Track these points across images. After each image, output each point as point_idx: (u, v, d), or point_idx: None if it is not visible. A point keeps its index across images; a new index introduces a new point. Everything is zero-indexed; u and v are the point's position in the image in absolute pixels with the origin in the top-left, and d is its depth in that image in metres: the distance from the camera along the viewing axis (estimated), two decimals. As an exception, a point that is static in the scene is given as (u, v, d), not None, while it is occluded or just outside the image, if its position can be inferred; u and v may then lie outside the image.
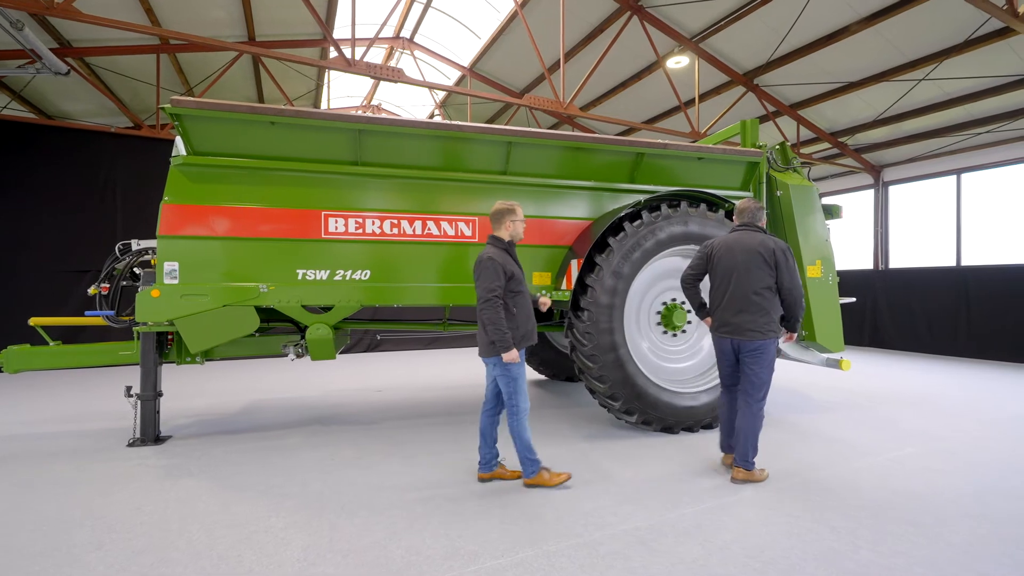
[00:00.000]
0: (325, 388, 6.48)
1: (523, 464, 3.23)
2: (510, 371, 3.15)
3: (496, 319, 3.01)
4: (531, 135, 4.42)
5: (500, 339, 3.02)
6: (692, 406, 4.38)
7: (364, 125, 4.07)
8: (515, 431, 3.18)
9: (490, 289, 3.03)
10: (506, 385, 3.15)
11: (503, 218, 3.26)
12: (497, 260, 3.09)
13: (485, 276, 3.06)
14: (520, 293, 3.22)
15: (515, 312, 3.18)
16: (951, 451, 3.98)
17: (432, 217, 4.36)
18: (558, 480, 3.24)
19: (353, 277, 4.23)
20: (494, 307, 3.02)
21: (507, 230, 3.28)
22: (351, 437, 4.36)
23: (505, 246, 3.24)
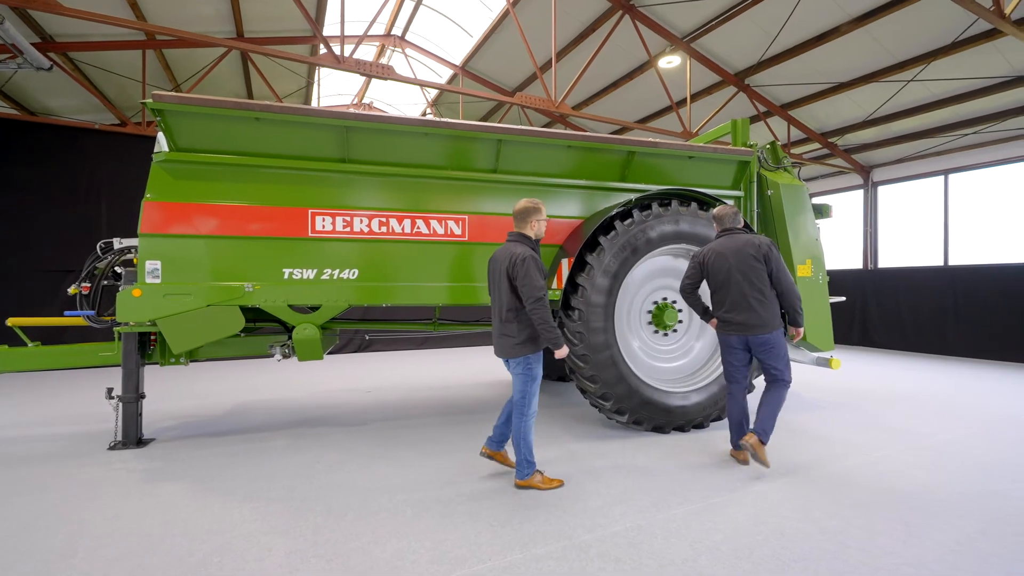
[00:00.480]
0: (313, 389, 6.40)
1: (519, 465, 3.20)
2: (533, 370, 3.12)
3: (547, 316, 2.96)
4: (521, 133, 4.38)
5: (552, 336, 2.99)
6: (683, 405, 4.36)
7: (351, 122, 4.01)
8: (521, 431, 3.15)
9: (537, 287, 2.96)
10: (524, 384, 3.12)
11: (529, 216, 3.20)
12: (537, 259, 3.05)
13: (530, 275, 2.97)
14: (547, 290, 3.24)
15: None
16: (938, 450, 3.99)
17: (421, 215, 4.31)
18: (551, 486, 3.21)
19: (341, 276, 4.17)
20: (544, 306, 2.96)
21: (532, 228, 3.22)
22: (338, 439, 4.29)
23: (533, 244, 3.20)
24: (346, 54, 6.75)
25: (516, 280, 3.02)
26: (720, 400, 4.48)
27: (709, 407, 4.46)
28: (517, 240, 3.18)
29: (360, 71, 6.26)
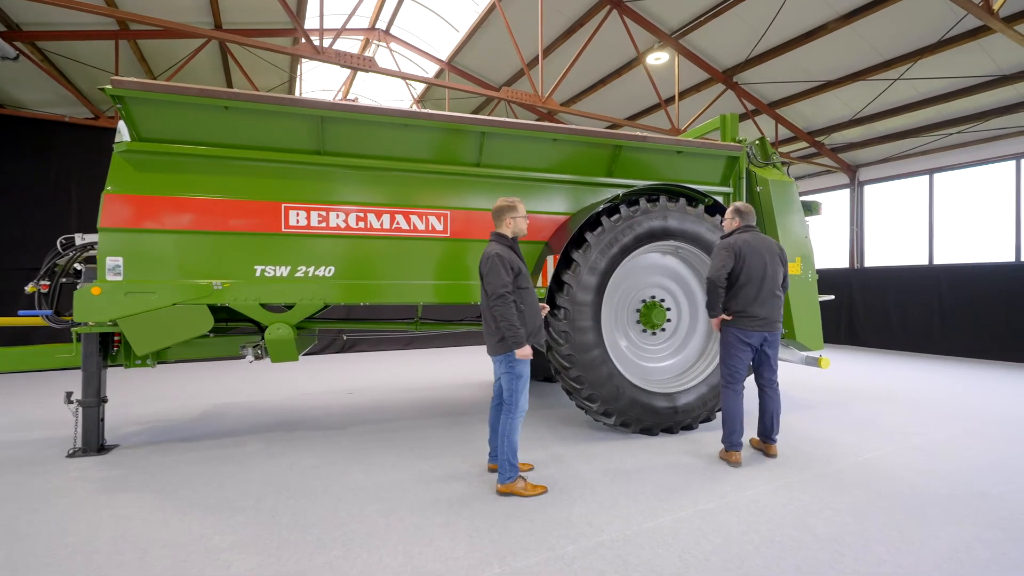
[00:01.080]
0: (293, 391, 6.18)
1: (501, 468, 3.09)
2: (515, 369, 3.05)
3: (508, 315, 2.94)
4: (505, 125, 4.23)
5: (513, 335, 2.94)
6: (671, 407, 4.25)
7: (327, 111, 3.83)
8: (506, 430, 3.08)
9: (501, 285, 2.95)
10: (509, 383, 3.08)
11: (503, 215, 3.20)
12: (504, 256, 3.01)
13: (493, 273, 2.98)
14: (526, 290, 3.13)
15: (522, 309, 3.09)
16: (929, 451, 3.92)
17: (401, 211, 4.14)
18: (533, 492, 3.08)
19: (316, 274, 3.98)
20: (505, 303, 2.94)
21: (508, 226, 3.20)
22: (314, 444, 4.11)
23: (509, 243, 3.16)
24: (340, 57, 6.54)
25: (483, 277, 3.04)
26: (709, 401, 4.38)
27: (698, 408, 4.35)
28: (493, 239, 3.18)
29: (340, 62, 6.06)
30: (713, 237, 4.40)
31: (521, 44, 9.26)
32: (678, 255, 4.58)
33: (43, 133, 8.02)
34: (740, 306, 3.59)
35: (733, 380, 3.63)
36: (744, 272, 3.57)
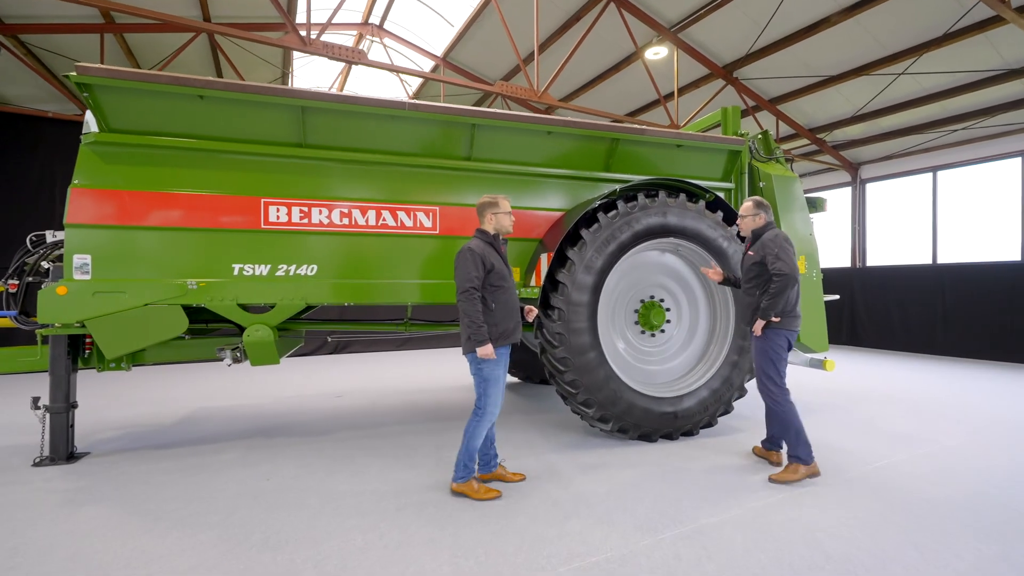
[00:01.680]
0: (280, 394, 5.98)
1: (456, 467, 3.06)
2: (482, 370, 2.96)
3: (471, 311, 2.87)
4: (497, 117, 4.04)
5: (475, 332, 2.87)
6: (672, 411, 4.06)
7: (308, 101, 3.63)
8: (469, 431, 3.01)
9: (466, 279, 2.88)
10: (477, 384, 3.00)
11: (485, 211, 3.11)
12: (476, 251, 2.94)
13: (461, 267, 2.92)
14: (501, 288, 3.01)
15: (493, 308, 2.99)
16: (941, 458, 3.74)
17: (387, 206, 3.95)
18: (486, 496, 3.00)
19: (298, 273, 3.79)
20: (470, 299, 2.88)
21: (490, 223, 3.11)
22: (296, 451, 3.91)
23: (490, 239, 3.09)
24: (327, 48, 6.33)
25: (455, 272, 2.96)
26: (711, 406, 4.18)
27: (699, 413, 4.16)
28: (475, 236, 3.10)
29: (328, 54, 5.86)
30: (715, 234, 4.21)
31: (517, 39, 9.07)
32: (678, 253, 4.39)
33: (27, 129, 7.81)
34: (790, 305, 3.35)
35: (783, 387, 3.31)
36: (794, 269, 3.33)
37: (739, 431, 4.41)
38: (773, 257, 3.22)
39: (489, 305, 2.96)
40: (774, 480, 3.25)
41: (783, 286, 3.20)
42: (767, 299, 3.25)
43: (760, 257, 3.31)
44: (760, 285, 3.37)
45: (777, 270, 3.20)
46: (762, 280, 3.35)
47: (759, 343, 3.35)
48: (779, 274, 3.20)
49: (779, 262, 3.21)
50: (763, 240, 3.33)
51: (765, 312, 3.24)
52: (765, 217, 3.42)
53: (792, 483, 3.23)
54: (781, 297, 3.21)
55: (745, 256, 3.47)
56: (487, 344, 2.87)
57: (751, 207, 3.45)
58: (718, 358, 4.34)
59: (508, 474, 3.33)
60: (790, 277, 3.19)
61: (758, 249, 3.34)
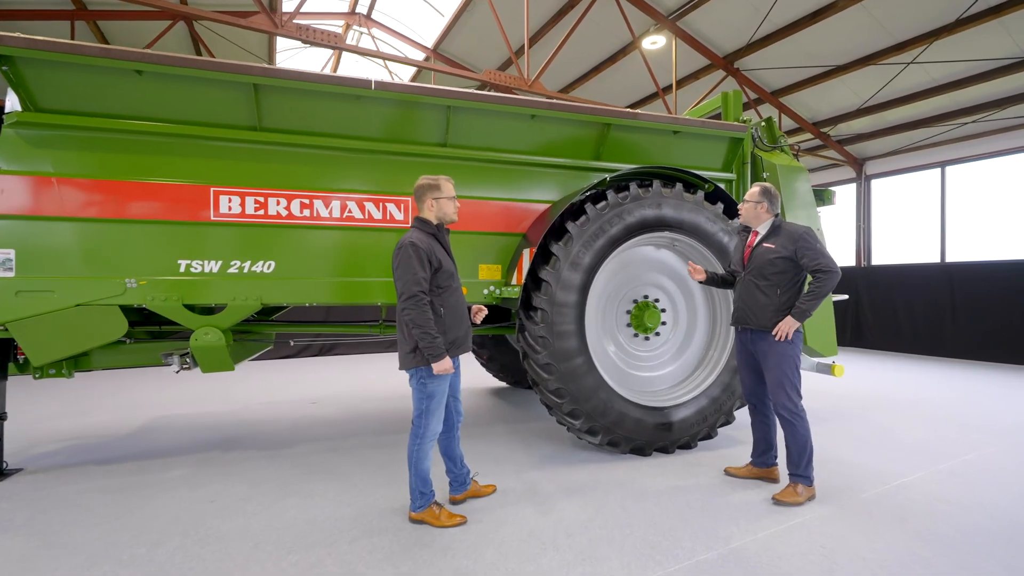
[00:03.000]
0: (250, 400, 5.61)
1: (411, 495, 2.67)
2: (427, 387, 2.57)
3: (422, 320, 2.45)
4: (475, 98, 3.67)
5: (429, 344, 2.45)
6: (668, 423, 3.69)
7: (262, 78, 3.26)
8: (412, 457, 2.62)
9: (413, 282, 2.45)
10: (418, 401, 2.60)
11: (424, 196, 2.68)
12: (420, 246, 2.50)
13: (404, 267, 2.47)
14: (449, 289, 2.64)
15: (442, 313, 2.60)
16: (964, 475, 3.37)
17: (354, 197, 3.58)
18: (450, 523, 2.63)
19: (253, 270, 3.41)
20: (419, 305, 2.45)
21: (431, 210, 2.68)
22: (252, 466, 3.54)
23: (433, 230, 2.67)
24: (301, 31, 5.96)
25: (393, 272, 2.54)
26: (710, 416, 3.82)
27: (697, 424, 3.79)
28: (413, 226, 2.67)
29: (302, 37, 5.49)
30: (714, 228, 3.85)
31: (509, 29, 8.70)
32: (674, 249, 4.02)
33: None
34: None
35: (800, 400, 2.94)
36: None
37: (740, 443, 4.04)
38: (814, 252, 2.86)
39: (437, 310, 2.55)
40: (778, 501, 2.89)
41: (829, 285, 2.82)
42: (807, 299, 2.86)
43: (788, 252, 2.92)
44: (784, 283, 2.96)
45: (822, 267, 2.83)
46: (787, 277, 2.96)
47: (781, 349, 2.92)
48: (824, 271, 2.83)
49: (822, 258, 2.85)
50: (791, 233, 2.95)
51: (804, 313, 2.86)
52: (768, 208, 3.04)
53: (796, 506, 2.87)
54: (823, 298, 2.85)
55: (757, 248, 3.05)
56: (444, 358, 2.48)
57: (756, 194, 3.05)
58: (718, 363, 3.97)
59: (481, 488, 3.04)
60: (835, 275, 2.83)
61: (784, 243, 2.94)
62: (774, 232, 3.01)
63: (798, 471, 2.93)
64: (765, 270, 2.97)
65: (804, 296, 2.87)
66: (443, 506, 2.72)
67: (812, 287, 2.84)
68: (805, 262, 2.86)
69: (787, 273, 2.93)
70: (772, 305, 2.95)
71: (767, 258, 2.96)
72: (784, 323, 2.89)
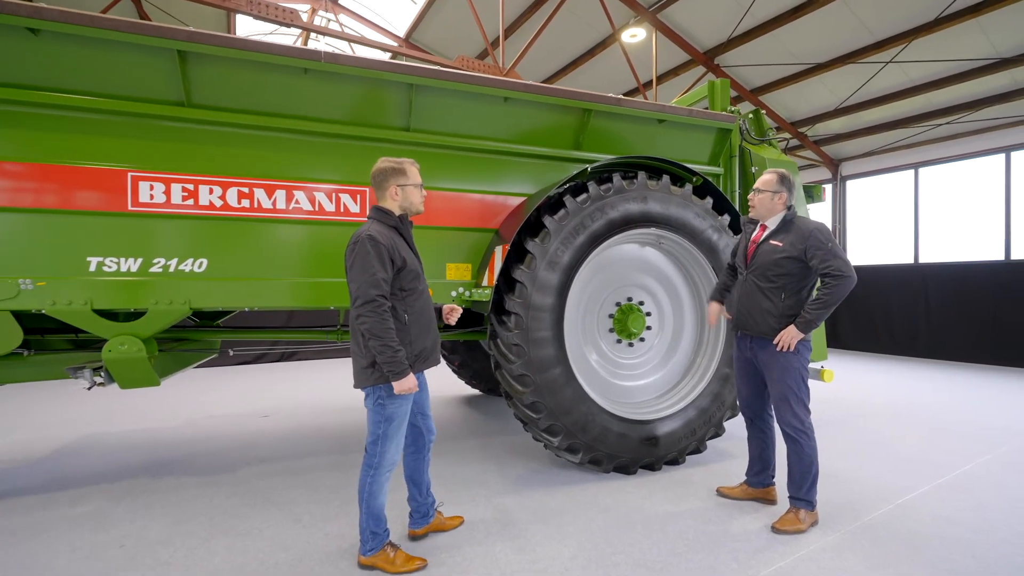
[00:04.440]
0: (193, 415, 5.06)
1: (363, 536, 2.24)
2: (386, 408, 2.17)
3: (380, 329, 2.04)
4: (442, 76, 3.27)
5: (388, 359, 2.05)
6: (653, 437, 3.37)
7: (188, 44, 2.78)
8: (364, 491, 2.20)
9: (370, 283, 2.04)
10: (374, 425, 2.20)
11: (387, 181, 2.25)
12: (380, 241, 2.10)
13: (361, 265, 2.07)
14: (414, 292, 2.24)
15: (406, 320, 2.20)
16: (967, 489, 3.15)
17: (302, 186, 3.13)
18: (406, 568, 2.22)
19: (180, 269, 2.94)
20: (377, 312, 2.04)
21: (394, 199, 2.26)
22: (180, 498, 3.05)
23: (395, 222, 2.26)
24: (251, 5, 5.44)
25: (347, 272, 2.15)
26: (699, 429, 3.51)
27: (685, 438, 3.48)
28: (371, 217, 2.26)
29: (252, 12, 4.98)
30: (703, 225, 3.54)
31: (485, 19, 8.32)
32: (660, 247, 3.71)
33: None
34: None
35: (808, 416, 2.62)
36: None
37: (731, 457, 3.76)
38: (825, 253, 2.49)
39: (401, 317, 2.18)
40: (779, 530, 2.58)
41: (841, 292, 2.47)
42: (816, 306, 2.51)
43: (796, 252, 2.57)
44: (790, 287, 2.62)
45: (834, 270, 2.47)
46: (793, 280, 2.62)
47: (785, 360, 2.59)
48: (836, 275, 2.46)
49: (835, 259, 2.49)
50: (801, 230, 2.60)
51: (809, 323, 2.52)
52: (786, 199, 2.70)
53: (799, 534, 2.57)
54: (834, 306, 2.51)
55: (763, 245, 2.71)
56: (407, 375, 2.09)
57: (774, 182, 2.68)
58: (707, 371, 3.67)
59: (445, 521, 2.63)
60: (849, 280, 2.47)
61: (792, 240, 2.60)
62: (784, 228, 2.67)
63: (800, 494, 2.63)
64: (769, 271, 2.65)
65: (811, 303, 2.55)
66: (399, 547, 2.29)
67: (821, 293, 2.51)
68: (815, 263, 2.53)
69: (794, 275, 2.62)
70: (775, 311, 2.64)
71: (772, 257, 2.64)
72: (786, 333, 2.58)
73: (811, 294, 2.66)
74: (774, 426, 2.89)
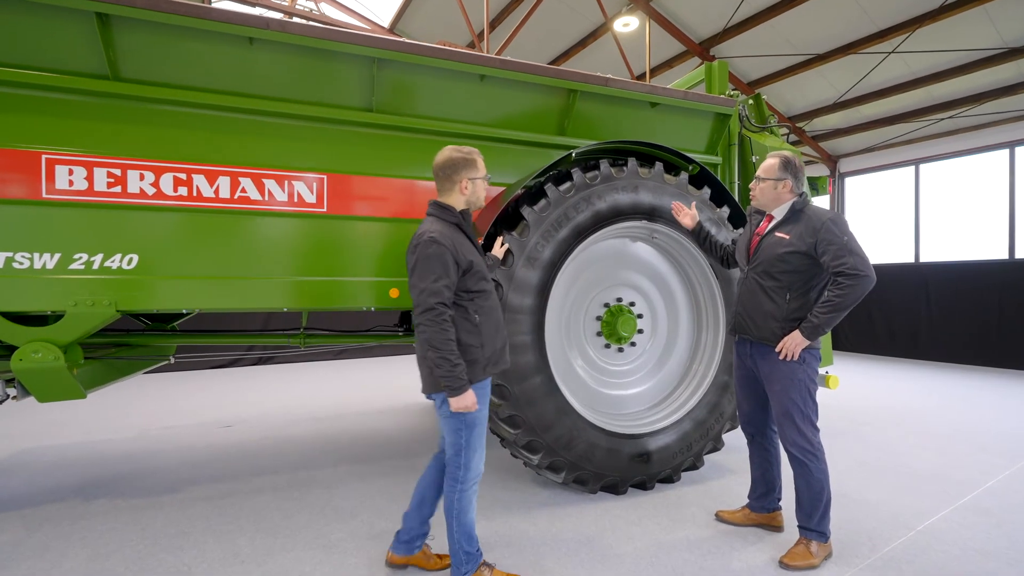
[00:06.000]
0: (148, 426, 4.68)
1: (455, 559, 2.03)
2: (462, 418, 1.98)
3: (439, 340, 1.87)
4: (409, 49, 2.92)
5: (446, 373, 1.87)
6: (645, 453, 3.03)
7: (109, 7, 2.42)
8: (452, 508, 2.01)
9: (432, 291, 1.88)
10: (453, 436, 2.00)
11: (457, 174, 2.06)
12: (443, 243, 1.92)
13: (425, 270, 1.91)
14: (483, 293, 2.06)
15: (478, 322, 2.03)
16: (992, 511, 2.84)
17: (249, 172, 2.77)
18: None
19: (106, 265, 2.57)
20: (437, 321, 1.87)
21: (463, 193, 2.09)
22: (109, 525, 2.68)
23: (456, 219, 2.06)
24: None
25: (409, 275, 1.99)
26: (695, 443, 3.18)
27: (680, 453, 3.15)
28: (432, 213, 2.07)
29: (213, -11, 4.60)
30: (699, 218, 3.20)
31: (471, 8, 7.96)
32: (653, 242, 3.37)
33: None
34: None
35: (816, 435, 2.28)
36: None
37: (731, 473, 3.43)
38: (839, 248, 2.15)
39: (472, 319, 1.99)
40: (788, 565, 2.25)
41: (855, 293, 2.12)
42: (823, 310, 2.16)
43: (805, 246, 2.24)
44: (796, 286, 2.28)
45: (848, 268, 2.12)
46: (801, 278, 2.28)
47: (789, 370, 2.26)
48: (850, 273, 2.12)
49: (850, 256, 2.13)
50: (812, 220, 2.26)
51: (816, 329, 2.18)
52: (792, 186, 2.36)
53: (811, 569, 2.25)
54: (847, 309, 2.16)
55: (767, 238, 2.39)
56: (466, 391, 1.89)
57: (776, 168, 2.35)
58: (704, 379, 3.34)
59: (432, 560, 2.26)
60: (866, 279, 2.13)
61: (801, 233, 2.26)
62: (792, 218, 2.34)
63: (811, 524, 2.30)
64: (773, 267, 2.31)
65: (820, 305, 2.20)
66: (494, 567, 2.11)
67: (833, 294, 2.16)
68: (826, 260, 2.19)
69: (801, 273, 2.28)
70: (779, 314, 2.30)
71: (777, 252, 2.30)
72: (789, 339, 2.24)
73: (821, 295, 2.32)
74: (779, 444, 2.56)
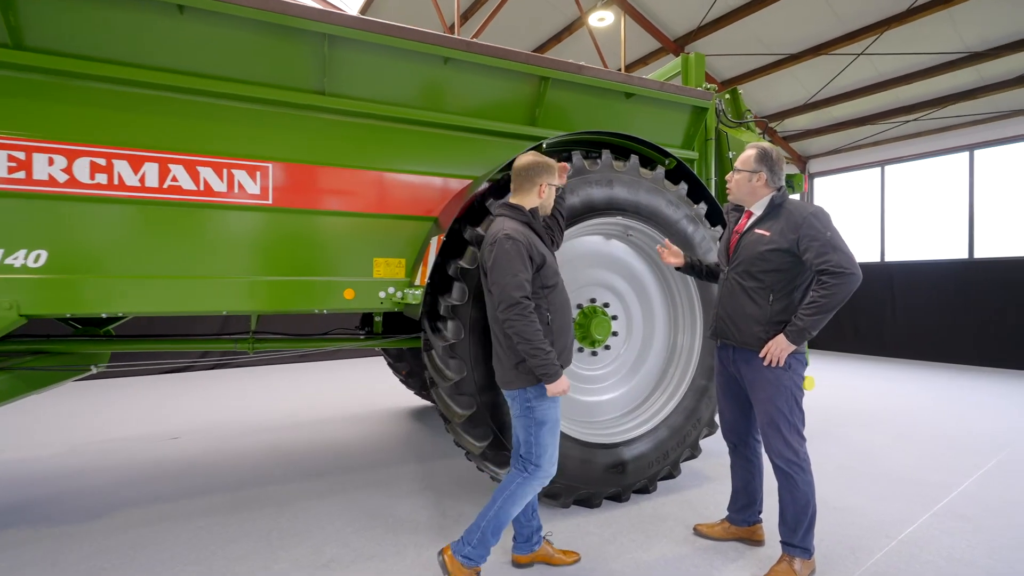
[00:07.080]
0: (89, 439, 4.28)
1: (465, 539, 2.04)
2: (534, 411, 2.03)
3: (529, 332, 1.94)
4: (366, 26, 2.66)
5: (541, 362, 1.94)
6: (620, 463, 2.86)
7: (7, -36, 2.10)
8: (504, 491, 2.05)
9: (515, 286, 1.94)
10: (526, 431, 2.06)
11: (539, 177, 2.15)
12: (519, 240, 1.99)
13: (502, 267, 1.96)
14: (555, 288, 2.13)
15: (549, 319, 2.07)
16: (973, 516, 2.79)
17: (182, 158, 2.47)
18: None
19: (8, 263, 2.25)
20: (523, 315, 1.93)
21: (540, 196, 2.18)
22: (24, 558, 2.35)
23: (527, 218, 2.14)
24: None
25: (487, 273, 2.05)
26: (671, 451, 3.04)
27: (657, 462, 3.00)
28: (501, 213, 2.15)
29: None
30: (677, 214, 3.07)
31: (445, 4, 7.69)
32: (628, 239, 3.20)
33: None
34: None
35: (802, 446, 2.15)
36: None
37: (709, 480, 3.30)
38: (822, 244, 2.00)
39: (544, 316, 2.03)
40: None
41: (841, 292, 1.97)
42: (808, 311, 2.03)
43: (787, 243, 2.09)
44: (779, 286, 2.14)
45: (834, 265, 1.97)
46: (783, 278, 2.14)
47: (774, 377, 2.12)
48: (837, 271, 1.97)
49: (834, 252, 1.98)
50: (793, 215, 2.11)
51: (801, 332, 2.04)
52: (768, 180, 2.22)
53: None
54: (833, 310, 2.02)
55: (747, 236, 2.25)
56: (560, 375, 1.96)
57: (752, 159, 2.21)
58: (681, 383, 3.20)
59: (556, 555, 2.29)
60: (852, 277, 1.98)
61: (782, 229, 2.11)
62: (772, 214, 2.19)
63: (794, 540, 2.16)
64: (754, 266, 2.17)
65: (804, 307, 2.06)
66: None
67: (817, 295, 2.02)
68: (809, 257, 2.05)
69: (784, 272, 2.14)
70: (762, 316, 2.16)
71: (758, 250, 2.16)
72: (774, 344, 2.10)
73: (805, 296, 2.18)
74: (762, 453, 2.43)
